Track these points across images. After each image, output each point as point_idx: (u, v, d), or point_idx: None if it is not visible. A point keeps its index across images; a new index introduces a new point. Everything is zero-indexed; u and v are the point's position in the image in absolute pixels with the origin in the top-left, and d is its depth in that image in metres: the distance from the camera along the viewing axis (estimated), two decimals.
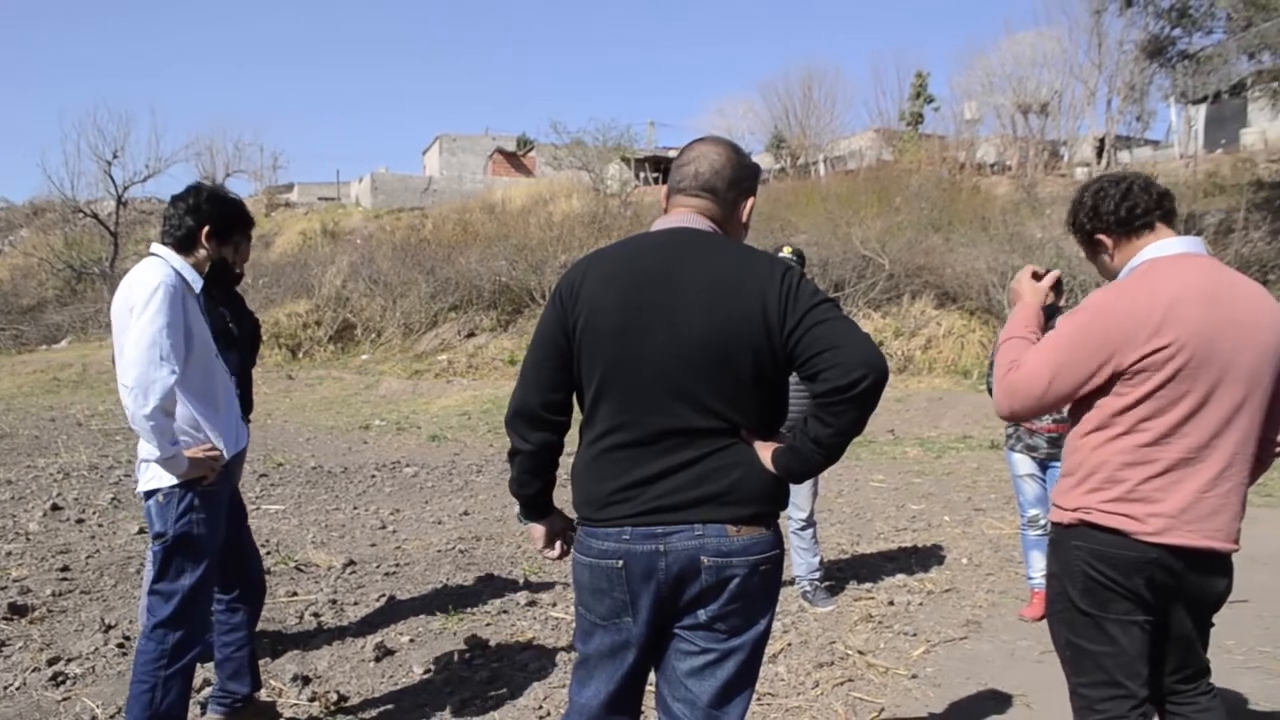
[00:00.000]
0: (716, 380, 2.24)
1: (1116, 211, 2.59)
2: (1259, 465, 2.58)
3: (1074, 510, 2.51)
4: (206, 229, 3.39)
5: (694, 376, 2.24)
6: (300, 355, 23.85)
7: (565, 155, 31.44)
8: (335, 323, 24.74)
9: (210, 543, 3.35)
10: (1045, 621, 2.68)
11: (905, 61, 62.59)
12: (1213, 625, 2.65)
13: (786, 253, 5.50)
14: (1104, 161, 26.69)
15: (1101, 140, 27.44)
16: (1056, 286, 5.38)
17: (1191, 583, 2.47)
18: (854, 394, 2.11)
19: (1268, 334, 2.43)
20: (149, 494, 3.29)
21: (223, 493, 3.45)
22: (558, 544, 2.60)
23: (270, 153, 60.99)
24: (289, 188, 45.60)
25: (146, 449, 3.23)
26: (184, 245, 3.38)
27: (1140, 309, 2.38)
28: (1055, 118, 29.47)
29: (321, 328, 24.64)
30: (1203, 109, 26.33)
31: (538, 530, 2.59)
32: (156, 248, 3.37)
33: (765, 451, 2.27)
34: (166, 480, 3.23)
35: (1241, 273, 2.61)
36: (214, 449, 3.35)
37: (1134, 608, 2.47)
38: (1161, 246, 2.53)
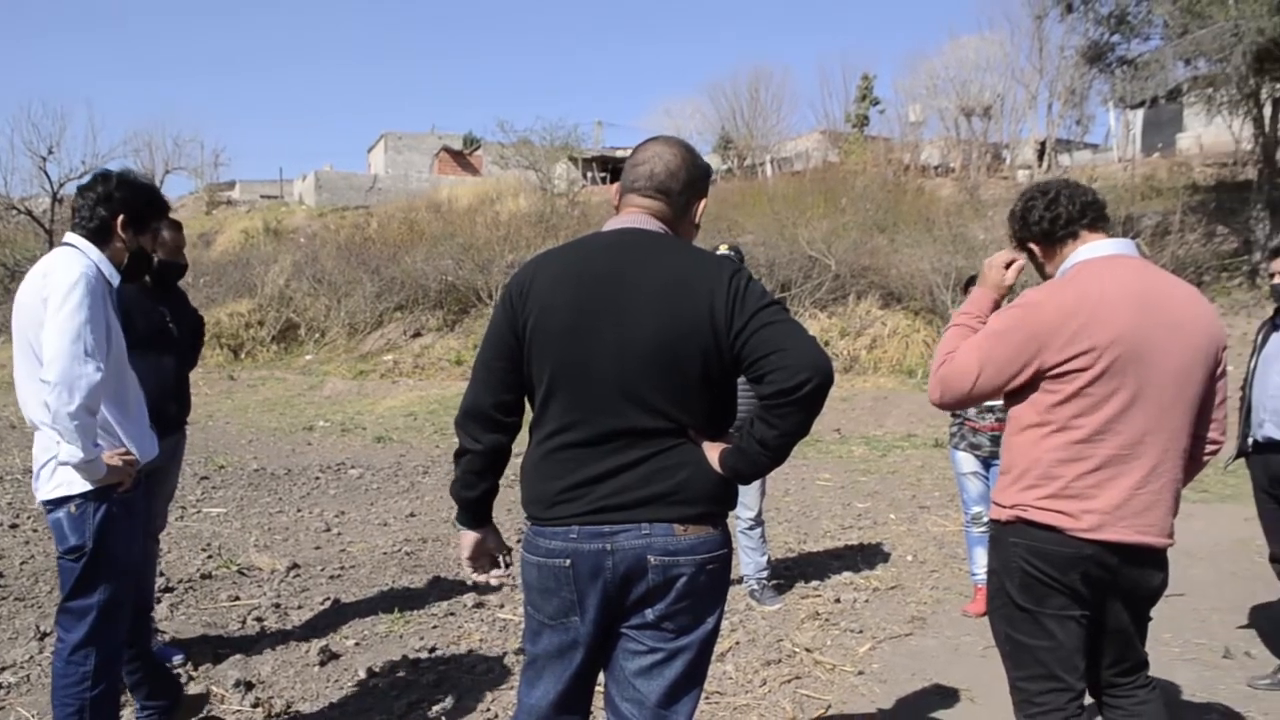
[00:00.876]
0: (665, 381, 2.24)
1: (1041, 222, 2.67)
2: (1193, 463, 2.65)
3: (1011, 508, 2.55)
4: (121, 218, 3.19)
5: (642, 377, 2.24)
6: (242, 355, 23.48)
7: (512, 154, 31.27)
8: (278, 322, 24.39)
9: (129, 556, 3.19)
10: (987, 617, 2.72)
11: (851, 64, 63.11)
12: (1150, 619, 2.71)
13: (724, 250, 5.53)
14: (1045, 165, 27.17)
15: (1043, 143, 27.92)
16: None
17: (1127, 577, 2.52)
18: (799, 396, 2.12)
19: (1198, 334, 2.49)
20: (57, 502, 3.07)
21: (139, 502, 3.28)
22: (488, 568, 2.58)
23: (211, 149, 60.14)
24: (231, 185, 44.84)
25: (49, 450, 3.04)
26: (98, 237, 3.17)
27: (1068, 308, 2.43)
28: (998, 121, 29.95)
29: (264, 327, 24.28)
30: (1140, 114, 26.88)
31: (469, 538, 2.53)
32: (72, 238, 3.16)
33: (713, 453, 2.28)
34: (78, 487, 3.02)
35: (1178, 274, 2.69)
36: (130, 455, 3.16)
37: (1070, 603, 2.52)
38: (1093, 248, 2.58)
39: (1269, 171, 16.48)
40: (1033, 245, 2.70)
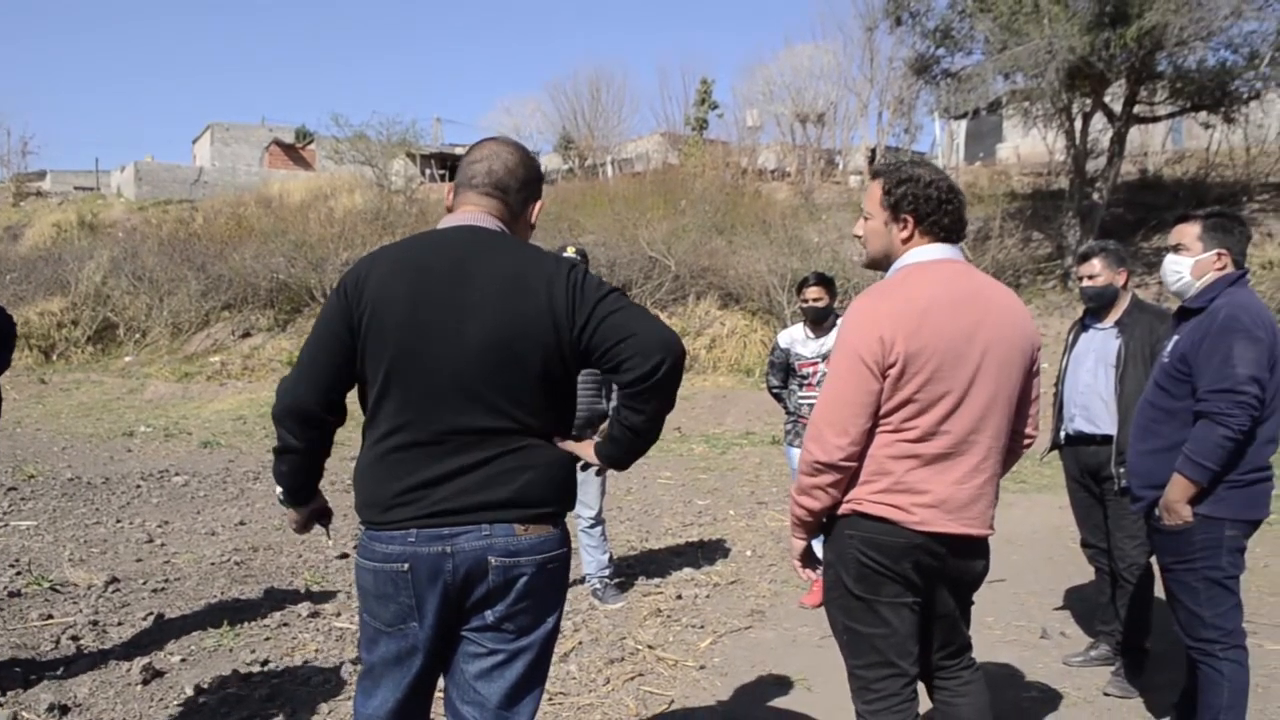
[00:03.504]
0: (504, 379, 2.22)
1: (937, 211, 2.64)
2: (1010, 456, 2.79)
3: (846, 501, 2.62)
4: None
5: (481, 376, 2.21)
6: (54, 357, 22.10)
7: (347, 149, 30.39)
8: (94, 322, 23.02)
9: None
10: (824, 608, 2.80)
11: (691, 68, 64.09)
12: (973, 604, 2.85)
13: (570, 252, 5.54)
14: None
15: (873, 150, 28.97)
16: (830, 288, 5.66)
17: (953, 566, 2.63)
18: (658, 378, 2.16)
19: (1016, 335, 2.63)
20: None
21: None
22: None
23: (19, 136, 56.32)
24: (41, 175, 42.04)
25: None
26: None
27: (898, 310, 2.51)
28: (831, 128, 30.95)
29: (79, 327, 22.88)
30: (963, 124, 28.23)
31: (297, 514, 2.55)
32: None
33: (586, 450, 2.32)
34: None
35: (997, 277, 2.80)
36: None
37: (903, 590, 2.61)
38: (924, 252, 2.66)
39: (1080, 181, 17.54)
40: (908, 217, 2.65)
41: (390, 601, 2.26)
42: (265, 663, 4.55)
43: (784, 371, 5.82)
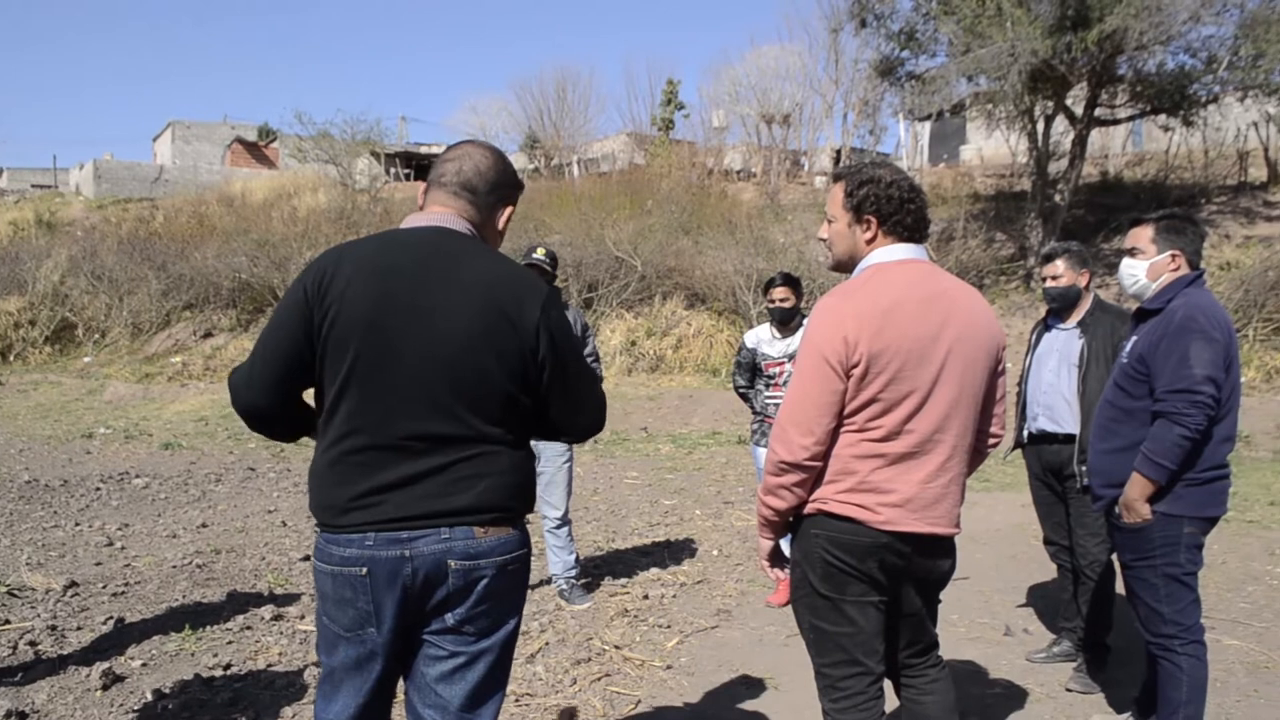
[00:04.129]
0: (465, 386, 2.21)
1: (899, 211, 2.66)
2: (976, 455, 2.81)
3: (812, 501, 2.63)
4: None
5: (442, 381, 2.19)
6: (11, 358, 21.73)
7: (311, 148, 30.19)
8: (52, 322, 22.67)
9: None
10: (790, 607, 2.81)
11: (657, 68, 64.26)
12: (939, 602, 2.87)
13: (540, 254, 5.51)
14: None
15: (838, 152, 29.14)
16: (796, 288, 5.69)
17: (919, 565, 2.65)
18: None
19: (981, 334, 2.65)
20: None
21: None
22: None
23: None
24: None
25: None
26: None
27: (862, 311, 2.52)
28: (796, 129, 31.11)
29: (36, 327, 22.52)
30: (928, 126, 28.51)
31: None
32: None
33: None
34: None
35: (961, 277, 2.81)
36: None
37: (869, 589, 2.62)
38: (887, 252, 2.68)
39: (1042, 183, 17.73)
40: (871, 218, 2.67)
41: (349, 606, 2.23)
42: (228, 666, 4.50)
43: (750, 371, 5.83)
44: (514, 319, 2.22)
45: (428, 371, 2.19)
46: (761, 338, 5.79)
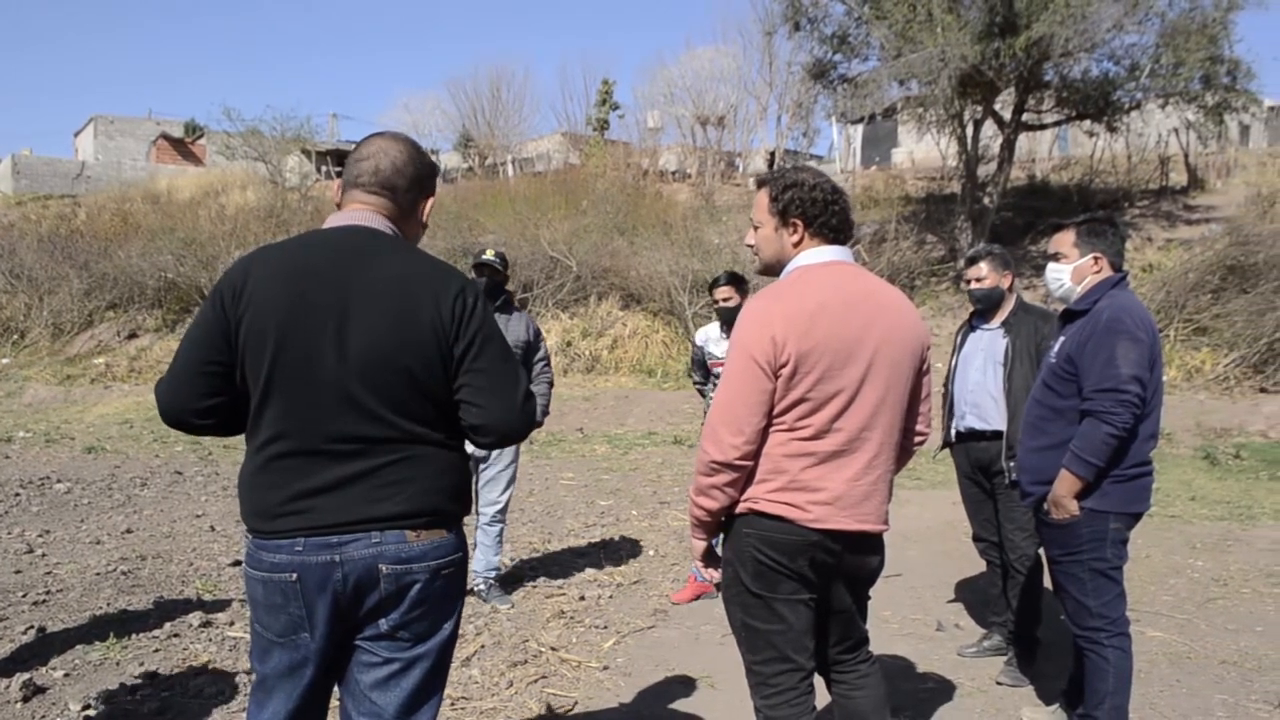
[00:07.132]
0: (387, 387, 2.17)
1: (824, 213, 2.68)
2: (903, 453, 2.84)
3: (744, 500, 2.64)
4: None
5: (363, 383, 2.16)
6: None
7: (239, 144, 29.69)
8: None
9: None
10: (723, 605, 2.81)
11: (592, 68, 64.23)
12: (870, 599, 2.90)
13: (489, 255, 5.47)
14: None
15: (772, 154, 29.41)
16: (740, 287, 5.71)
17: (849, 562, 2.67)
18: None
19: (906, 335, 2.68)
20: None
21: None
22: None
23: None
24: None
25: None
26: None
27: (790, 311, 2.54)
28: (731, 130, 31.40)
29: None
30: (860, 129, 28.88)
31: None
32: None
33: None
34: None
35: (892, 279, 2.84)
36: None
37: (799, 587, 2.64)
38: (814, 254, 2.70)
39: (971, 186, 18.08)
40: (797, 221, 2.69)
41: (280, 612, 2.19)
42: (155, 675, 4.39)
43: (703, 368, 5.87)
44: (431, 314, 2.18)
45: (347, 372, 2.16)
46: (710, 336, 5.81)
